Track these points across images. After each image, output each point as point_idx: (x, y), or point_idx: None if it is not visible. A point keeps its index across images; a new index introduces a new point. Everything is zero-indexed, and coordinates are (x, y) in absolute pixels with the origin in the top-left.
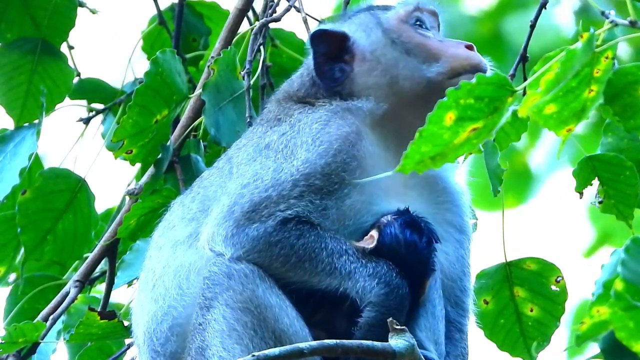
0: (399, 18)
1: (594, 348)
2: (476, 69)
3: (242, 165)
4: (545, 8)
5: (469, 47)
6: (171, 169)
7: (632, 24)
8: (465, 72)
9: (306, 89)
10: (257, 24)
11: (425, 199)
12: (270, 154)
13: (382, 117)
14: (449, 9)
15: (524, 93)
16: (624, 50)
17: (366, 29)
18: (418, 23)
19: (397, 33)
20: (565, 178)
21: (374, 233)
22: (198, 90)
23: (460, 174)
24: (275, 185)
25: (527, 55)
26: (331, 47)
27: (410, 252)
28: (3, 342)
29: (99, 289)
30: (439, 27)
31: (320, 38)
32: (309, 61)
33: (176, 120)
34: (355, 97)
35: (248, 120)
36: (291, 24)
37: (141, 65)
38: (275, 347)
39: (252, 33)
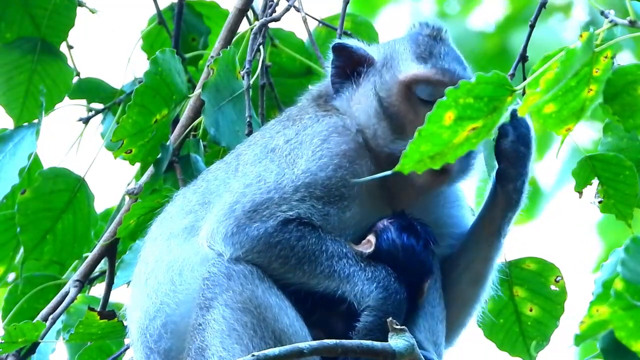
0: (404, 80)
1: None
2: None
3: (247, 165)
4: (545, 7)
5: None
6: (171, 168)
7: (632, 24)
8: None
9: (324, 90)
10: (257, 23)
11: (425, 216)
12: (274, 157)
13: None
14: (455, 25)
15: (524, 92)
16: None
17: (381, 64)
18: (426, 94)
19: (388, 92)
20: (572, 194)
21: (372, 238)
22: (197, 90)
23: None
24: (278, 188)
25: (527, 55)
26: (349, 62)
27: (408, 256)
28: (3, 341)
29: (99, 288)
30: None
31: (340, 51)
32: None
33: (176, 120)
34: (350, 117)
35: (248, 120)
36: (291, 23)
37: (141, 65)
38: (275, 347)
39: (252, 33)
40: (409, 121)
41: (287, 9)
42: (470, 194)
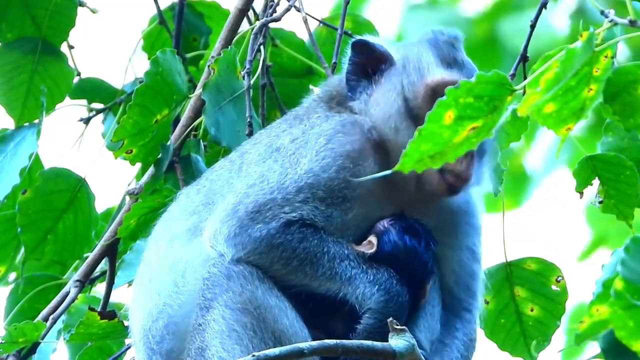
0: (432, 82)
1: (593, 348)
2: (451, 177)
3: (251, 164)
4: (546, 8)
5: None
6: (171, 168)
7: (632, 23)
8: (442, 171)
9: (334, 90)
10: (258, 23)
11: (425, 217)
12: (279, 157)
13: (382, 142)
14: (445, 12)
15: (524, 92)
16: (622, 52)
17: (403, 64)
18: None
19: (415, 94)
20: (561, 180)
21: (373, 239)
22: (198, 90)
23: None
24: (280, 189)
25: (527, 55)
26: (369, 60)
27: (411, 257)
28: (3, 341)
29: (99, 288)
30: None
31: (361, 48)
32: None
33: (176, 120)
34: (363, 116)
35: (248, 120)
36: (291, 23)
37: (141, 65)
38: (274, 347)
39: (253, 33)
40: None
41: (288, 9)
42: None
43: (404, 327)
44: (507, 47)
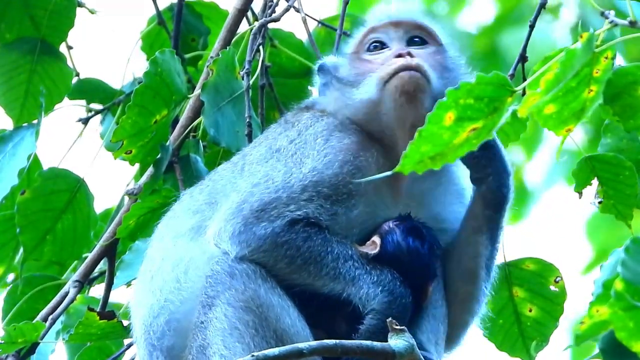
0: (352, 48)
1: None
2: (398, 70)
3: (254, 164)
4: (545, 8)
5: (399, 55)
6: (170, 169)
7: (632, 25)
8: (390, 77)
9: (310, 105)
10: (256, 24)
11: (426, 212)
12: (281, 157)
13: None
14: (446, 26)
15: (524, 93)
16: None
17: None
18: (373, 45)
19: (343, 68)
20: (561, 194)
21: (376, 239)
22: (197, 91)
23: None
24: (285, 188)
25: (527, 55)
26: (331, 76)
27: (413, 259)
28: (2, 342)
29: (98, 289)
30: (421, 29)
31: (322, 69)
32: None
33: (175, 121)
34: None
35: (247, 120)
36: (290, 24)
37: (140, 66)
38: (276, 346)
39: (251, 33)
40: (365, 69)
41: (287, 10)
42: None
43: (403, 327)
44: (507, 60)
